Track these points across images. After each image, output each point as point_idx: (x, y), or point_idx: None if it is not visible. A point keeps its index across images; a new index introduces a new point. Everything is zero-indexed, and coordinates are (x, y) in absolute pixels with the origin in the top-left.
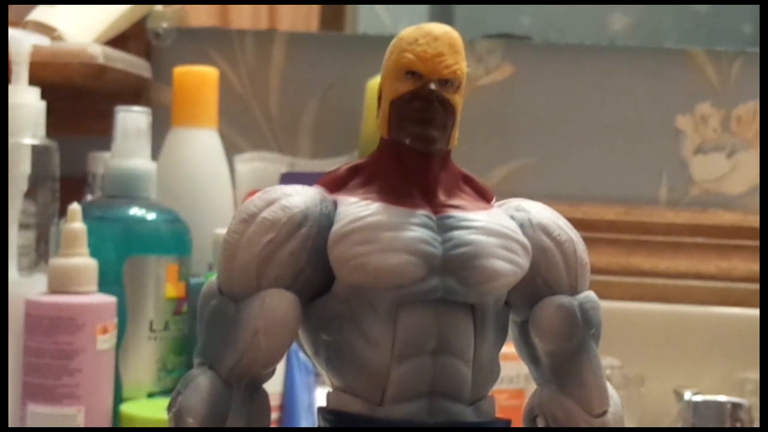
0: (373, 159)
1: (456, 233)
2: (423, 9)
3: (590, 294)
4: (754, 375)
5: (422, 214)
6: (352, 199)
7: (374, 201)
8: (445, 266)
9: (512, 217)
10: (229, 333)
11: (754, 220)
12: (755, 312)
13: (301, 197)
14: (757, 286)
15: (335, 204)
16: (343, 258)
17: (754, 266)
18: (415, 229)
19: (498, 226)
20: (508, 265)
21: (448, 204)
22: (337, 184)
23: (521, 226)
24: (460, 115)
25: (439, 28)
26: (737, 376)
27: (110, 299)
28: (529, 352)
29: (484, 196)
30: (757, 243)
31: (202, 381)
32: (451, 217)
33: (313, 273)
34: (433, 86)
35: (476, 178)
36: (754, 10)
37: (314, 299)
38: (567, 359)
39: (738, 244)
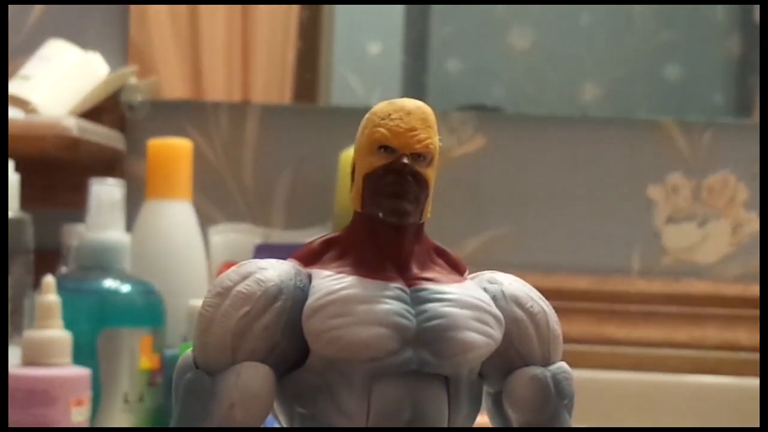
0: (347, 232)
1: (430, 305)
2: (396, 79)
3: (563, 365)
4: None
5: (396, 286)
6: (326, 272)
7: (348, 274)
8: (419, 338)
9: (485, 290)
10: (204, 406)
11: (725, 289)
12: (729, 380)
13: (276, 271)
14: (730, 354)
15: (310, 277)
16: (318, 331)
17: (726, 334)
18: (388, 301)
19: (471, 299)
20: (482, 337)
21: (421, 276)
22: (311, 257)
23: (494, 298)
24: (433, 188)
25: (412, 103)
26: None
27: (84, 371)
28: (503, 423)
29: (457, 269)
30: (729, 311)
31: None
32: (424, 289)
33: (288, 346)
34: (405, 160)
35: (449, 250)
36: (725, 79)
37: (289, 372)
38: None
39: (710, 312)
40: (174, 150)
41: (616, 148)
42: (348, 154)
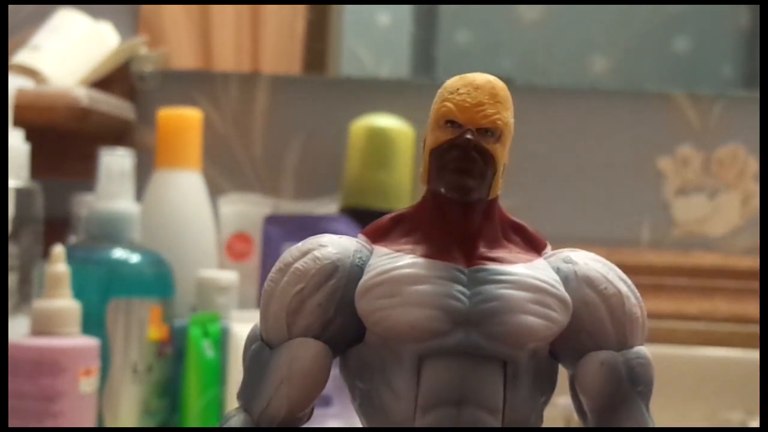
0: (416, 208)
1: (486, 287)
2: (405, 51)
3: (640, 350)
4: (738, 416)
5: (453, 267)
6: (385, 250)
7: (410, 252)
8: (471, 321)
9: (558, 269)
10: (260, 379)
11: (735, 262)
12: (738, 353)
13: (335, 248)
14: (740, 327)
15: (372, 254)
16: (367, 310)
17: (735, 307)
18: (441, 282)
19: (533, 280)
20: (539, 320)
21: (487, 256)
22: (379, 233)
23: (566, 278)
24: (503, 165)
25: (482, 78)
26: (720, 417)
27: (93, 342)
28: (578, 406)
29: (535, 246)
30: (739, 284)
31: (233, 422)
32: (484, 270)
33: (344, 322)
34: (469, 136)
35: (527, 226)
36: (734, 51)
37: (351, 346)
38: (611, 418)
39: (720, 285)
40: (184, 120)
41: (626, 120)
42: (357, 124)
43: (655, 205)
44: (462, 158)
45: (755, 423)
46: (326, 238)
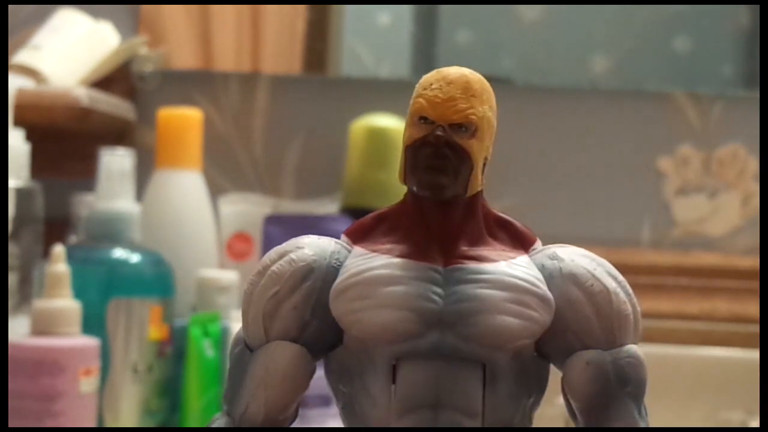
0: (398, 207)
1: (461, 287)
2: (405, 51)
3: (630, 348)
4: (737, 415)
5: (428, 267)
6: (362, 250)
7: (384, 253)
8: (445, 322)
9: (543, 266)
10: (240, 382)
11: (735, 262)
12: (738, 353)
13: (312, 250)
14: (739, 327)
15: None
16: (341, 313)
17: (736, 307)
18: (415, 283)
19: (512, 279)
20: (517, 320)
21: (467, 255)
22: (362, 233)
23: (550, 276)
24: (484, 160)
25: (455, 72)
26: (720, 417)
27: (93, 342)
28: (569, 407)
29: (522, 242)
30: (739, 284)
31: (218, 425)
32: (461, 269)
33: (322, 325)
34: (440, 132)
35: (515, 222)
36: (734, 51)
37: (332, 349)
38: (599, 419)
39: (720, 285)
40: (184, 120)
41: (626, 120)
42: (357, 124)
43: (655, 205)
44: (433, 155)
45: (755, 423)
46: (306, 240)
